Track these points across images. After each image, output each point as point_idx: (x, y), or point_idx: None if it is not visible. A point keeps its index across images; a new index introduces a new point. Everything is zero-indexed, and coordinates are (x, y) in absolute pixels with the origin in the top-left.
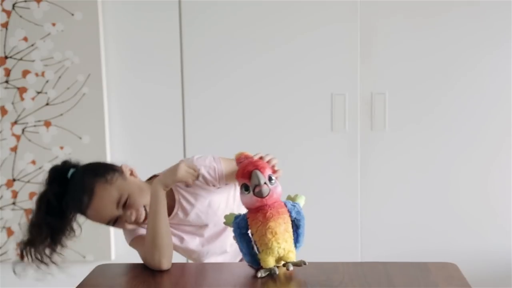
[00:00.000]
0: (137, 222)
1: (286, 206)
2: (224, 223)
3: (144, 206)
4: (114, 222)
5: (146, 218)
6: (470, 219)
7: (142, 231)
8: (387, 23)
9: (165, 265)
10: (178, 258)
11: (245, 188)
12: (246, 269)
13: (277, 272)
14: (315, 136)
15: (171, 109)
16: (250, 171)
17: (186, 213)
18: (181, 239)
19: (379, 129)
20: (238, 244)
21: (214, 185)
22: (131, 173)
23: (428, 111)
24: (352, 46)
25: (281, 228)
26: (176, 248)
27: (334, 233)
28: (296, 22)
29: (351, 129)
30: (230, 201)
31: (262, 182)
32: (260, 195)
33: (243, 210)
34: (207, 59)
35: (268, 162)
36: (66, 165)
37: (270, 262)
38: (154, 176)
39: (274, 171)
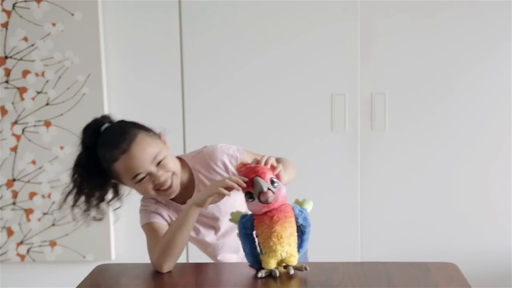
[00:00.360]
0: (159, 189)
1: (294, 210)
2: (230, 220)
3: (172, 176)
4: (141, 179)
5: (169, 188)
6: (470, 219)
7: (159, 219)
8: (387, 23)
9: (165, 269)
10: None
11: (249, 196)
12: (246, 269)
13: (278, 274)
14: (315, 136)
15: (171, 109)
16: (252, 178)
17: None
18: (197, 231)
19: (379, 129)
20: (242, 243)
21: (235, 174)
22: (166, 144)
23: (428, 111)
24: (352, 46)
25: (287, 232)
26: (191, 240)
27: (334, 233)
28: (296, 22)
29: (351, 129)
30: None
31: (265, 188)
32: (266, 202)
33: None
34: (207, 60)
35: (266, 163)
36: (101, 120)
37: (272, 264)
38: (178, 158)
39: (274, 171)
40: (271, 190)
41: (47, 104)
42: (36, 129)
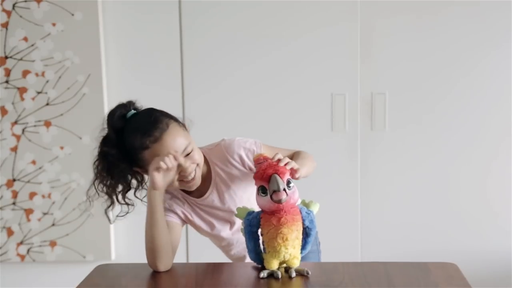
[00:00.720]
0: (183, 180)
1: (301, 212)
2: (236, 215)
3: (196, 167)
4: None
5: (192, 180)
6: (470, 219)
7: (171, 216)
8: (387, 23)
9: (161, 268)
10: (178, 258)
11: (262, 190)
12: (246, 269)
13: (280, 276)
14: (316, 136)
15: (171, 109)
16: (270, 174)
17: (221, 193)
18: (212, 226)
19: (379, 129)
20: (246, 240)
21: (251, 169)
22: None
23: (428, 111)
24: (352, 46)
25: (293, 235)
26: (206, 235)
27: (334, 233)
28: (296, 22)
29: (351, 129)
30: None
31: (281, 188)
32: (278, 201)
33: None
34: (207, 60)
35: (286, 165)
36: (127, 105)
37: (274, 264)
38: None
39: (294, 174)
40: (286, 192)
41: (47, 104)
42: (36, 129)
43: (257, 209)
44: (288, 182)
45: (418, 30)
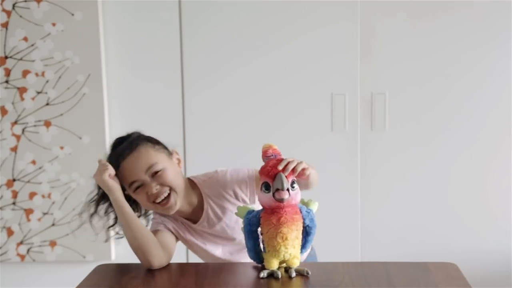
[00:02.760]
0: (155, 202)
1: (301, 212)
2: (236, 214)
3: (170, 192)
4: (137, 188)
5: (165, 203)
6: (470, 219)
7: (163, 228)
8: (387, 23)
9: (155, 262)
10: (177, 258)
11: (265, 187)
12: (246, 269)
13: (280, 276)
14: (315, 136)
15: (171, 109)
16: (276, 172)
17: (212, 224)
18: (204, 243)
19: (379, 129)
20: (245, 239)
21: (244, 201)
22: (178, 162)
23: (428, 111)
24: (352, 46)
25: (292, 235)
26: (199, 250)
27: (334, 233)
28: (296, 22)
29: (351, 129)
30: None
31: (285, 187)
32: (280, 200)
33: None
34: (207, 59)
35: (296, 166)
36: (125, 136)
37: (274, 264)
38: (190, 179)
39: (303, 172)
40: (289, 192)
41: (47, 104)
42: (36, 129)
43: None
44: (292, 183)
45: (418, 30)
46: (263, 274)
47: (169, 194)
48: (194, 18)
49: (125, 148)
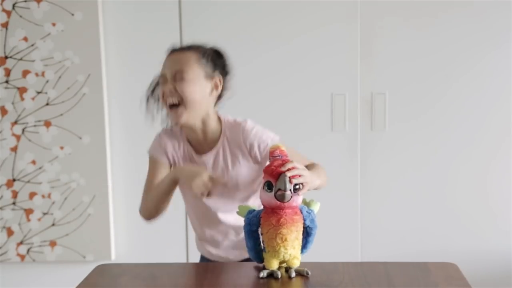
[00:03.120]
0: (167, 103)
1: (301, 212)
2: (237, 213)
3: (180, 103)
4: (161, 82)
5: (172, 110)
6: (470, 219)
7: (161, 155)
8: (387, 23)
9: (149, 222)
10: (178, 258)
11: (268, 186)
12: (246, 269)
13: (279, 276)
14: (315, 136)
15: None
16: (280, 173)
17: (216, 165)
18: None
19: (379, 129)
20: (245, 238)
21: (255, 159)
22: (214, 87)
23: (428, 111)
24: (352, 46)
25: (292, 236)
26: (187, 193)
27: (334, 233)
28: (296, 22)
29: (351, 129)
30: (255, 187)
31: (287, 188)
32: (281, 199)
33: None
34: None
35: (298, 176)
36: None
37: (274, 264)
38: (219, 115)
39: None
40: (291, 193)
41: (47, 104)
42: (36, 129)
43: (239, 203)
44: (296, 185)
45: (418, 30)
46: (263, 274)
47: (178, 104)
48: (194, 18)
49: (182, 45)
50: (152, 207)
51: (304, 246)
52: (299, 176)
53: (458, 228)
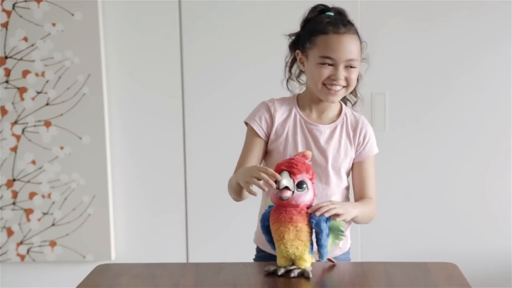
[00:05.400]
0: (326, 84)
1: (310, 215)
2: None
3: (343, 88)
4: (326, 64)
5: (331, 92)
6: (470, 219)
7: (256, 126)
8: (387, 24)
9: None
10: (178, 258)
11: (276, 182)
12: (246, 269)
13: (280, 273)
14: None
15: (171, 109)
16: (281, 169)
17: (330, 138)
18: (294, 139)
19: (379, 129)
20: (263, 233)
21: (356, 149)
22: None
23: (428, 111)
24: None
25: (290, 235)
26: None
27: None
28: (296, 22)
29: None
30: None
31: (282, 185)
32: (279, 198)
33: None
34: (207, 60)
35: (328, 211)
36: (330, 8)
37: (282, 262)
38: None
39: (336, 217)
40: (289, 189)
41: (47, 104)
42: (36, 129)
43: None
44: (301, 184)
45: (418, 30)
46: (268, 268)
47: (341, 88)
48: (194, 18)
49: (341, 21)
50: (232, 195)
51: (318, 249)
52: (333, 209)
53: (458, 228)
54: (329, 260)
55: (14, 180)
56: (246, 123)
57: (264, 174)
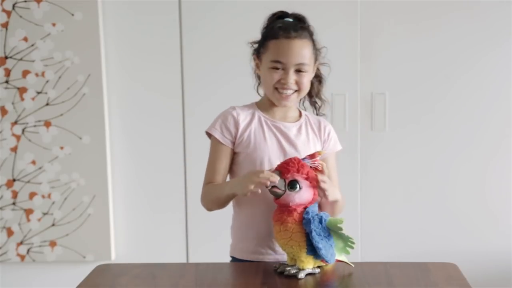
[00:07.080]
0: (278, 89)
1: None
2: None
3: (295, 92)
4: (276, 68)
5: (284, 97)
6: (470, 219)
7: (221, 137)
8: (387, 24)
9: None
10: (178, 258)
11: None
12: (246, 269)
13: (285, 272)
14: None
15: (171, 109)
16: (277, 169)
17: (298, 135)
18: (263, 140)
19: (379, 129)
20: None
21: (324, 143)
22: (314, 70)
23: (428, 111)
24: (352, 46)
25: (282, 235)
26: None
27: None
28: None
29: (351, 129)
30: None
31: (270, 183)
32: (273, 194)
33: None
34: (207, 60)
35: (322, 183)
36: (287, 14)
37: (288, 260)
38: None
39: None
40: (278, 188)
41: (47, 104)
42: (36, 129)
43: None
44: (293, 184)
45: (418, 30)
46: (276, 265)
47: (293, 93)
48: (194, 18)
49: (293, 27)
50: (214, 206)
51: (311, 250)
52: (323, 182)
53: (458, 228)
54: (339, 261)
55: (14, 180)
56: (209, 134)
57: (263, 174)
